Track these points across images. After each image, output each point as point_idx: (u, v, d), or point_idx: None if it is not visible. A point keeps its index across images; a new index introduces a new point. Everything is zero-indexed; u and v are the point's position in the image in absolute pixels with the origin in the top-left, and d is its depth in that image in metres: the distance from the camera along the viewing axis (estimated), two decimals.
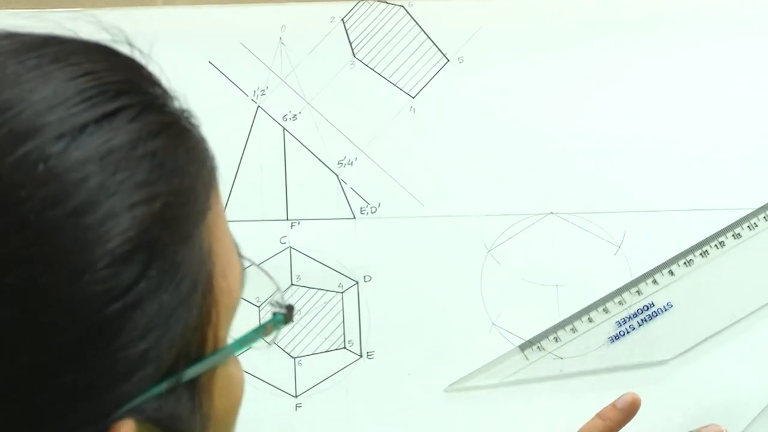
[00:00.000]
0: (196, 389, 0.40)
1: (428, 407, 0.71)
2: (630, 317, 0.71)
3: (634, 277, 0.70)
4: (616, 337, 0.71)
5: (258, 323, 0.73)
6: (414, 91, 0.75)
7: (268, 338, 0.45)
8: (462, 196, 0.73)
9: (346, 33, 0.75)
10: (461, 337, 0.71)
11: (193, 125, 0.41)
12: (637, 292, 0.71)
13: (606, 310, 0.71)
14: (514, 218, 0.73)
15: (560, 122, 0.74)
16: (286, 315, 0.45)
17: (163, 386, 0.38)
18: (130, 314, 0.36)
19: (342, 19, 0.75)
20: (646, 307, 0.71)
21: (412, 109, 0.74)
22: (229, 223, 0.74)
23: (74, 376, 0.35)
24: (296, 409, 0.71)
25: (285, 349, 0.72)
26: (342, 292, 0.72)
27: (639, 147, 0.74)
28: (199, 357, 0.40)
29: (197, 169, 0.40)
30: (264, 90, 0.74)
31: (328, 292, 0.72)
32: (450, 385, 0.70)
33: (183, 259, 0.38)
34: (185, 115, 0.40)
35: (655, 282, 0.71)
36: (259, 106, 0.74)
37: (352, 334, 0.72)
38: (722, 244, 0.71)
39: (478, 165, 0.74)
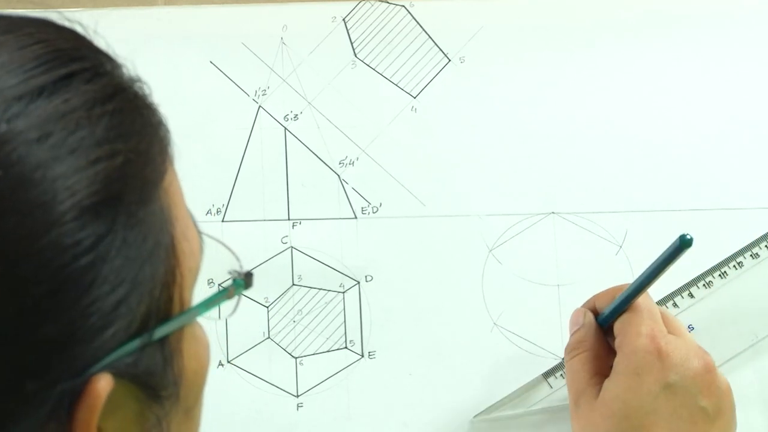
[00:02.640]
0: (167, 348, 0.42)
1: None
2: None
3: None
4: None
5: (264, 324, 0.74)
6: (415, 91, 0.75)
7: (231, 306, 0.48)
8: (463, 195, 0.73)
9: (348, 33, 0.75)
10: (463, 337, 0.71)
11: (144, 92, 0.42)
12: None
13: None
14: (515, 218, 0.73)
15: (562, 122, 0.74)
16: (246, 281, 0.47)
17: (136, 343, 0.39)
18: (99, 267, 0.37)
19: (343, 19, 0.75)
20: None
21: (414, 109, 0.74)
22: (231, 223, 0.74)
23: (50, 329, 0.36)
24: (298, 409, 0.71)
25: (286, 349, 0.72)
26: (343, 292, 0.72)
27: (641, 147, 0.74)
28: (168, 317, 0.41)
29: (152, 132, 0.41)
30: (265, 90, 0.74)
31: (330, 292, 0.72)
32: (475, 416, 0.70)
33: (145, 216, 0.39)
34: (137, 82, 0.42)
35: (675, 305, 0.70)
36: (260, 106, 0.74)
37: (354, 334, 0.72)
38: (740, 264, 0.71)
39: (480, 165, 0.74)
